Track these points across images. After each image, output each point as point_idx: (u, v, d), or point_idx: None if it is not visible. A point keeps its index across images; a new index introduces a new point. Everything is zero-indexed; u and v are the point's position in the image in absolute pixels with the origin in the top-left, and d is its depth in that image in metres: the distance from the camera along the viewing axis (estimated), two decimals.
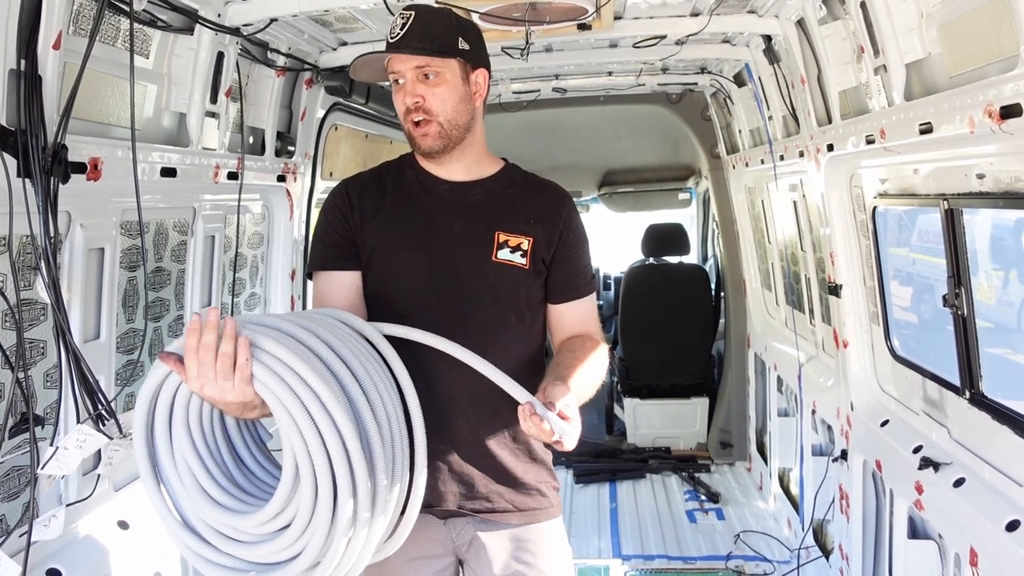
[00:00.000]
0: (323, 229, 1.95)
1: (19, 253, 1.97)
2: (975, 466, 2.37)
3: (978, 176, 2.25)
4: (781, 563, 4.11)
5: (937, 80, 2.25)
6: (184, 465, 1.56)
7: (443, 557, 1.95)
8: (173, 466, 1.57)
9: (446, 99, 1.84)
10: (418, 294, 1.87)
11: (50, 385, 2.13)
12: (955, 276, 2.47)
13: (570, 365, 1.82)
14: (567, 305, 2.00)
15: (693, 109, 5.58)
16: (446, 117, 1.85)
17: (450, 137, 1.86)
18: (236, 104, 2.94)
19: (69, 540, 2.16)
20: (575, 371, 1.80)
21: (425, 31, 1.80)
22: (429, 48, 1.81)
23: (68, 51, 1.92)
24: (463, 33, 1.87)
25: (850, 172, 3.16)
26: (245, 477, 1.64)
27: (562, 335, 2.01)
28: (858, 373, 3.30)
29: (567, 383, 1.71)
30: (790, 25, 3.13)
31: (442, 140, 1.86)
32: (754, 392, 5.34)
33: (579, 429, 1.63)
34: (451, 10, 1.95)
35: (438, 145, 1.86)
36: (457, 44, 1.84)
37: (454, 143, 1.88)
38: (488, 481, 1.91)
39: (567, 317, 2.00)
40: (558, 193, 2.03)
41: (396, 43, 1.81)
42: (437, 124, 1.84)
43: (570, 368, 1.81)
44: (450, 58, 1.83)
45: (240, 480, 1.62)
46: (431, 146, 1.86)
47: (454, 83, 1.85)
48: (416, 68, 1.82)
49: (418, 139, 1.86)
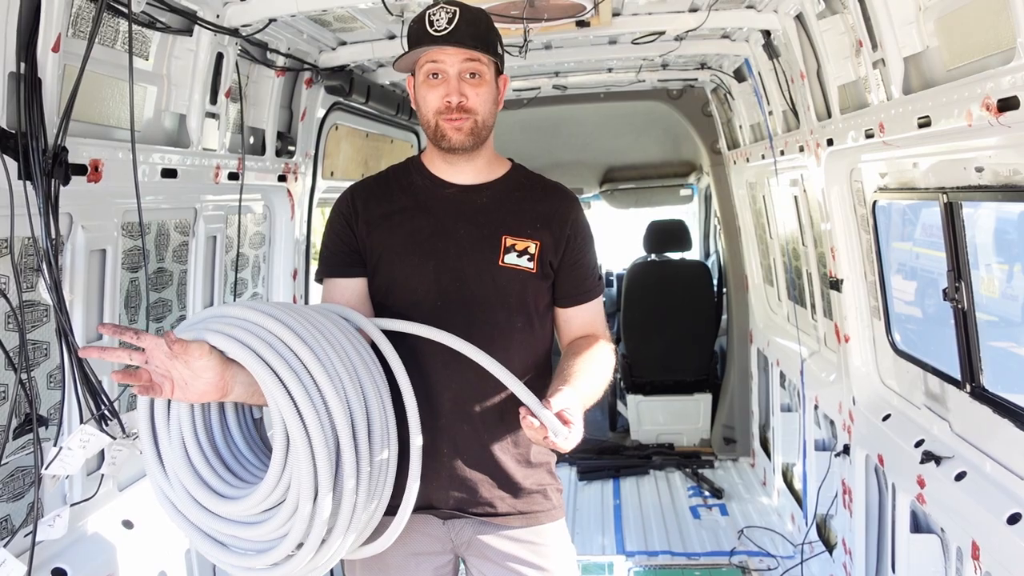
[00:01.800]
0: (329, 237, 1.97)
1: (21, 255, 1.98)
2: (976, 460, 2.37)
3: (977, 169, 2.24)
4: (785, 558, 4.11)
5: (935, 73, 2.24)
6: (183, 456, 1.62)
7: (442, 554, 1.96)
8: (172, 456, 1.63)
9: (486, 99, 1.84)
10: (424, 298, 1.87)
11: (53, 386, 2.15)
12: (955, 270, 2.47)
13: (576, 368, 1.83)
14: (576, 309, 2.00)
15: (693, 105, 5.58)
16: (482, 117, 1.85)
17: (479, 137, 1.87)
18: (236, 104, 2.94)
19: (74, 539, 2.17)
20: (581, 373, 1.81)
21: (473, 28, 1.79)
22: (480, 45, 1.79)
23: (67, 53, 1.93)
24: (498, 37, 1.88)
25: (850, 166, 3.16)
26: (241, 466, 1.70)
27: (570, 337, 2.01)
28: (859, 368, 3.30)
29: (572, 385, 1.72)
30: (789, 20, 3.13)
31: (472, 138, 1.85)
32: (757, 387, 5.34)
33: (580, 433, 1.64)
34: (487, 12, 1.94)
35: (468, 143, 1.85)
36: (497, 46, 1.86)
37: (479, 143, 1.88)
38: (491, 486, 1.91)
39: (575, 320, 2.00)
40: (565, 196, 2.02)
41: (446, 36, 1.77)
42: (472, 122, 1.83)
43: (576, 371, 1.81)
44: (493, 59, 1.84)
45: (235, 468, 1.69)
46: (462, 143, 1.84)
47: (491, 84, 1.86)
48: (465, 63, 1.80)
49: (450, 134, 1.83)
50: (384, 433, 1.67)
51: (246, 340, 1.56)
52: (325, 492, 1.56)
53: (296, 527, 1.57)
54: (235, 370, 1.59)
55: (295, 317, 1.63)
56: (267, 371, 1.54)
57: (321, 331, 1.64)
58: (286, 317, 1.62)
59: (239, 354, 1.55)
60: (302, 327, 1.61)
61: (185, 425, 1.63)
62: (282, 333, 1.58)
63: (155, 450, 1.64)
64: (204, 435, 1.66)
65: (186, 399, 1.59)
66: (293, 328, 1.59)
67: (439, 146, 1.88)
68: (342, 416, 1.57)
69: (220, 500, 1.61)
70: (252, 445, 1.76)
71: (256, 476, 1.68)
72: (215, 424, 1.70)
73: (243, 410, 1.77)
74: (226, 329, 1.59)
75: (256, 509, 1.59)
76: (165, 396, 1.57)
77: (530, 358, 1.94)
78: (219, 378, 1.56)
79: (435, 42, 1.78)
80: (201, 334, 1.59)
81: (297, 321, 1.62)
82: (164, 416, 1.63)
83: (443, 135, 1.84)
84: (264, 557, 1.62)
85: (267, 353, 1.55)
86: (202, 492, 1.61)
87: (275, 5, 2.71)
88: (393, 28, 3.33)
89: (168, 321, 2.83)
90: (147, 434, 1.64)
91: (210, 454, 1.66)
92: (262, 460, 1.74)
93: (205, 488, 1.62)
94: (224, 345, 1.56)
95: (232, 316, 1.62)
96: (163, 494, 1.66)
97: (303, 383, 1.55)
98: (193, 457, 1.63)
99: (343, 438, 1.57)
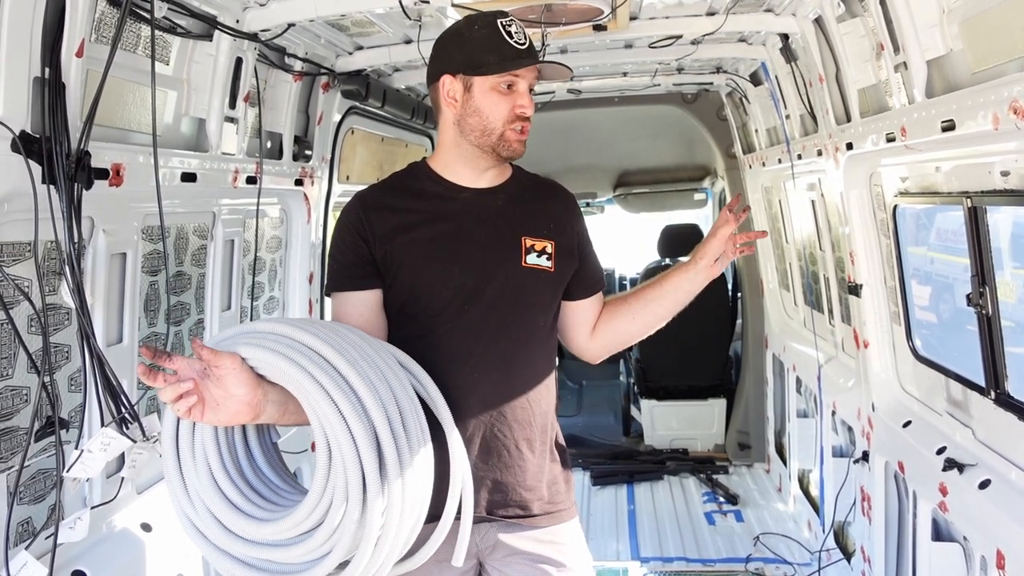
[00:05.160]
0: (337, 249, 1.94)
1: (44, 258, 1.99)
2: (1001, 467, 2.34)
3: (1002, 173, 2.21)
4: (802, 565, 4.07)
5: (959, 77, 2.22)
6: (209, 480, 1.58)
7: (467, 560, 1.95)
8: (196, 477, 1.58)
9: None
10: (451, 304, 1.87)
11: (75, 389, 2.16)
12: (979, 275, 2.44)
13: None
14: (592, 298, 2.07)
15: (708, 109, 5.56)
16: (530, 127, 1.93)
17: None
18: (254, 109, 2.96)
19: (94, 542, 2.18)
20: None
21: (531, 42, 1.89)
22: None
23: (91, 59, 1.94)
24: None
25: (870, 171, 3.13)
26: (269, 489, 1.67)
27: (588, 327, 2.07)
28: (879, 373, 3.27)
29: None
30: (808, 23, 3.11)
31: (524, 147, 1.93)
32: (772, 393, 5.30)
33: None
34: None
35: (523, 151, 1.93)
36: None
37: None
38: (521, 489, 1.91)
39: (591, 310, 2.07)
40: (567, 194, 2.08)
41: (528, 51, 1.86)
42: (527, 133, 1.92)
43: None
44: None
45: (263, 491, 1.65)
46: (521, 152, 1.92)
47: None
48: (534, 79, 1.90)
49: (516, 145, 1.90)
50: (419, 438, 1.64)
51: (280, 350, 1.54)
52: (375, 495, 1.51)
53: (343, 539, 1.52)
54: (266, 388, 1.56)
55: (318, 327, 1.63)
56: (306, 376, 1.52)
57: (344, 339, 1.63)
58: (312, 327, 1.61)
59: (275, 361, 1.52)
60: (327, 335, 1.60)
61: (210, 448, 1.58)
62: (310, 342, 1.56)
63: (179, 475, 1.58)
64: (229, 458, 1.61)
65: (218, 421, 1.54)
66: (320, 336, 1.58)
67: (499, 153, 1.89)
68: (382, 419, 1.54)
69: (253, 523, 1.56)
70: (276, 468, 1.71)
71: (284, 497, 1.65)
72: (239, 448, 1.65)
73: (264, 434, 1.73)
74: (257, 341, 1.56)
75: (298, 529, 1.53)
76: (195, 418, 1.52)
77: (548, 357, 1.98)
78: (251, 395, 1.53)
79: (521, 56, 1.85)
80: (232, 347, 1.55)
81: (321, 331, 1.61)
82: (189, 440, 1.58)
83: (508, 144, 1.89)
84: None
85: (303, 360, 1.53)
86: (231, 515, 1.56)
87: (294, 10, 2.72)
88: (410, 33, 3.34)
89: (186, 324, 2.84)
90: (172, 458, 1.59)
91: (236, 478, 1.60)
92: (288, 483, 1.70)
93: (235, 511, 1.56)
94: (257, 355, 1.53)
95: (261, 331, 1.59)
96: (188, 520, 1.60)
97: (341, 388, 1.52)
98: (220, 481, 1.58)
99: (384, 441, 1.54)
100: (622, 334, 2.09)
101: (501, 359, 1.88)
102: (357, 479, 1.51)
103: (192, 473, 1.58)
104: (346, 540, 1.52)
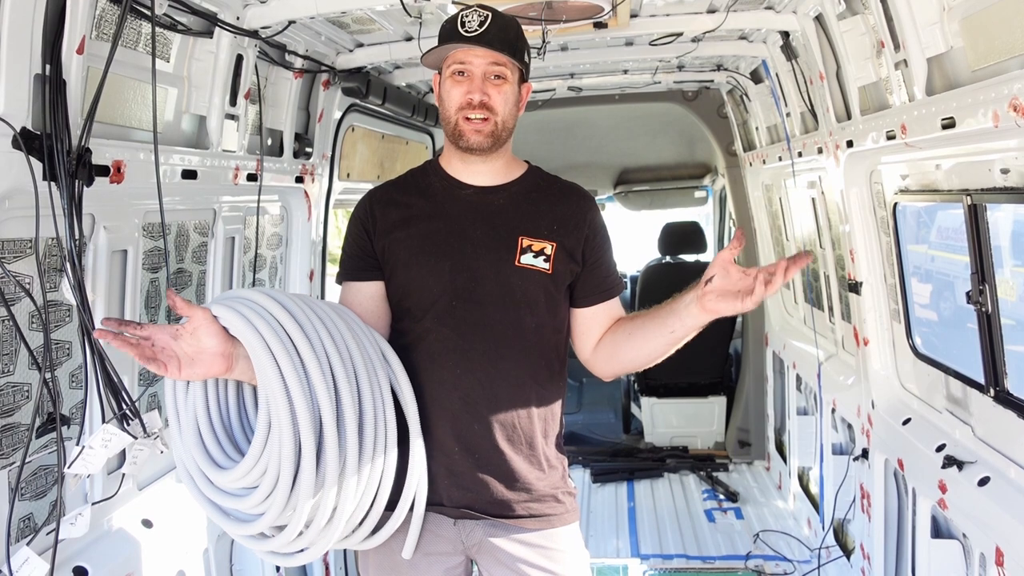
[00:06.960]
0: (347, 241, 2.02)
1: (45, 255, 1.99)
2: (1001, 465, 2.34)
3: (1002, 171, 2.22)
4: (802, 563, 4.08)
5: (960, 74, 2.22)
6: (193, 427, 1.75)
7: (453, 555, 1.96)
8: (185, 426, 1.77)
9: (507, 100, 1.89)
10: (440, 298, 1.89)
11: (76, 385, 2.16)
12: (979, 272, 2.44)
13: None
14: (599, 307, 2.00)
15: (709, 106, 5.56)
16: (502, 118, 1.89)
17: (499, 138, 1.90)
18: (255, 106, 2.96)
19: (95, 538, 2.19)
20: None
21: (503, 33, 1.86)
22: (507, 50, 1.85)
23: (91, 56, 1.94)
24: (526, 46, 1.93)
25: (870, 168, 3.13)
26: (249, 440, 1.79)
27: (594, 337, 2.01)
28: (879, 371, 3.27)
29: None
30: (808, 21, 3.11)
31: (491, 139, 1.89)
32: (772, 390, 5.31)
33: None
34: (518, 21, 1.99)
35: (487, 143, 1.88)
36: (524, 54, 1.91)
37: (498, 145, 1.92)
38: (501, 487, 1.91)
39: (597, 319, 2.01)
40: (582, 196, 2.04)
41: (477, 37, 1.83)
42: (493, 123, 1.88)
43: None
44: (518, 64, 1.89)
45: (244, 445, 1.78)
46: (480, 143, 1.88)
47: (514, 88, 1.91)
48: (491, 65, 1.86)
49: (469, 134, 1.87)
50: (375, 423, 1.72)
51: (244, 312, 1.67)
52: (308, 472, 1.61)
53: (274, 506, 1.65)
54: (238, 344, 1.68)
55: (298, 304, 1.74)
56: (257, 337, 1.64)
57: (323, 319, 1.73)
58: (288, 302, 1.73)
59: (230, 319, 1.66)
60: (300, 311, 1.71)
61: (199, 399, 1.75)
62: (277, 312, 1.69)
63: (177, 422, 1.77)
64: (216, 410, 1.76)
65: (194, 375, 1.68)
66: (289, 310, 1.70)
67: (457, 145, 1.91)
68: (325, 396, 1.64)
69: (216, 470, 1.72)
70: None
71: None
72: (231, 401, 1.79)
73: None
74: (229, 303, 1.71)
75: (240, 483, 1.69)
76: (172, 374, 1.66)
77: (543, 359, 1.95)
78: (222, 347, 1.66)
79: (465, 41, 1.83)
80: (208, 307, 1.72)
81: (299, 307, 1.72)
82: (184, 391, 1.77)
83: (461, 134, 1.88)
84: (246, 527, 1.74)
85: (260, 324, 1.65)
86: (204, 462, 1.73)
87: (294, 7, 2.72)
88: (410, 30, 3.34)
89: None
90: (171, 407, 1.77)
91: (218, 428, 1.75)
92: None
93: (207, 458, 1.73)
94: (223, 314, 1.67)
95: (240, 296, 1.75)
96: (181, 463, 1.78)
97: (291, 357, 1.63)
98: (203, 429, 1.74)
99: (326, 422, 1.64)
100: (620, 350, 1.96)
101: (487, 357, 1.88)
102: (291, 453, 1.62)
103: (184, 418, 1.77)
104: (276, 507, 1.65)
